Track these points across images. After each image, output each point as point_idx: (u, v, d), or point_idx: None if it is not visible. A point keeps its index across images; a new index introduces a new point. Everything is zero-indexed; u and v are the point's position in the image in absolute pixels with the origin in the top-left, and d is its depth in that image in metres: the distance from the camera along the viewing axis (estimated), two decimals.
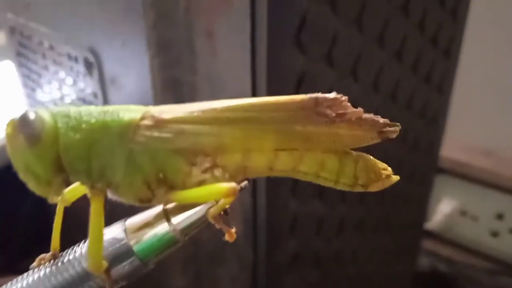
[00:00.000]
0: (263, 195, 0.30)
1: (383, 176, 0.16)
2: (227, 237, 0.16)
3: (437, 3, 0.37)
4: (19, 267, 0.18)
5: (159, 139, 0.15)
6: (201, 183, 0.15)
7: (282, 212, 0.31)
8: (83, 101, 0.39)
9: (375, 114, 0.37)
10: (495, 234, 0.62)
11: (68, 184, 0.15)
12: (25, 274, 0.16)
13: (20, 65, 0.49)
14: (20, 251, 0.57)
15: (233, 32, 0.26)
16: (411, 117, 0.40)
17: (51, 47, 0.41)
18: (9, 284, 0.16)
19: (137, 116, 0.15)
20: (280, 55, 0.26)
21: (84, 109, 0.15)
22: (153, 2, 0.28)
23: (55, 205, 0.56)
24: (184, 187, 0.15)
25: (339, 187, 0.16)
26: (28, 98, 0.50)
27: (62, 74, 0.41)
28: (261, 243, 0.31)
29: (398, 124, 0.16)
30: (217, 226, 0.15)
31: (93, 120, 0.14)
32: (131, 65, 0.31)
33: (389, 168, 0.17)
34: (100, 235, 0.15)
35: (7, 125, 0.14)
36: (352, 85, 0.31)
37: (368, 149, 0.37)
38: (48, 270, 0.15)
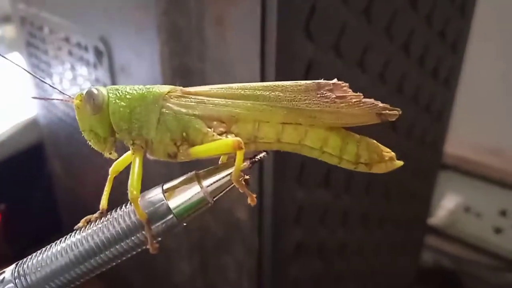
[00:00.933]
0: (270, 184, 0.30)
1: (386, 158, 0.18)
2: (249, 200, 0.18)
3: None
4: (26, 256, 0.18)
5: (184, 105, 0.18)
6: None
7: (288, 201, 0.32)
8: None
9: None
10: (498, 230, 0.62)
11: (118, 145, 0.19)
12: (72, 233, 0.18)
13: (29, 55, 0.50)
14: (29, 241, 0.57)
15: (243, 19, 0.27)
16: (417, 111, 0.41)
17: (62, 37, 0.41)
18: (58, 241, 0.18)
19: (167, 90, 0.19)
20: (289, 43, 0.26)
21: (130, 86, 0.19)
22: None
23: (64, 197, 0.57)
24: (202, 144, 0.18)
25: (343, 165, 0.18)
26: (36, 88, 0.51)
27: (71, 63, 0.41)
28: (267, 231, 0.32)
29: (399, 109, 0.17)
30: (240, 189, 0.17)
31: (134, 92, 0.18)
32: (141, 53, 0.32)
33: (393, 153, 0.18)
34: (139, 174, 0.18)
35: (76, 97, 0.18)
36: (359, 75, 0.32)
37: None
38: (96, 226, 0.18)
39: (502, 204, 0.61)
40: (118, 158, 0.20)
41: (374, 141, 0.18)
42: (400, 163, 0.18)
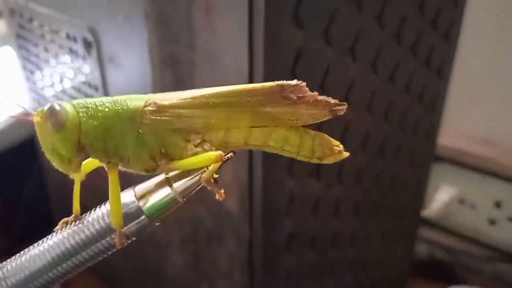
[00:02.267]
0: (259, 174, 0.30)
1: (336, 151, 0.19)
2: (217, 197, 0.19)
3: None
4: (19, 250, 0.19)
5: (161, 121, 0.18)
6: (194, 155, 0.19)
7: (278, 191, 0.32)
8: (82, 81, 0.39)
9: (374, 95, 0.37)
10: (493, 222, 0.62)
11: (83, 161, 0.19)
12: (49, 235, 0.19)
13: (19, 48, 0.49)
14: (21, 235, 0.57)
15: (231, 8, 0.26)
16: (410, 101, 0.40)
17: (50, 29, 0.41)
18: (36, 244, 0.19)
19: (141, 104, 0.18)
20: (277, 31, 0.26)
21: (97, 100, 0.18)
22: None
23: (55, 191, 0.57)
24: (181, 158, 0.19)
25: (299, 158, 0.20)
26: (27, 80, 0.50)
27: (60, 55, 0.41)
28: (257, 222, 0.32)
29: (345, 103, 0.18)
30: (209, 188, 0.18)
31: (106, 109, 0.18)
32: (130, 42, 0.31)
33: (341, 146, 0.20)
34: (119, 198, 0.18)
35: (37, 114, 0.17)
36: (350, 64, 0.31)
37: (368, 133, 0.37)
38: (72, 229, 0.18)
39: (497, 195, 0.61)
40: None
41: (326, 135, 0.20)
42: (346, 154, 0.20)
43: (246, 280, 0.34)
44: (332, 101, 0.18)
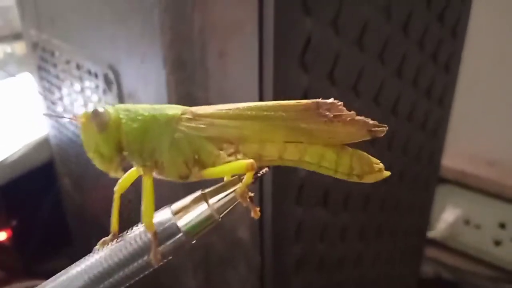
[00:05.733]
0: (269, 204, 0.32)
1: (376, 169, 0.19)
2: (252, 214, 0.19)
3: (437, 21, 0.39)
4: (35, 270, 0.19)
5: (195, 128, 0.19)
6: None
7: (288, 219, 0.33)
8: None
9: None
10: (498, 242, 0.63)
11: (124, 163, 0.19)
12: (90, 254, 0.19)
13: (41, 79, 0.52)
14: (39, 256, 0.59)
15: (243, 53, 0.29)
16: (412, 129, 0.42)
17: (72, 63, 0.43)
18: (77, 262, 0.19)
19: (179, 112, 0.19)
20: (285, 74, 0.28)
21: (138, 105, 0.19)
22: (170, 23, 0.30)
23: (73, 213, 0.58)
24: (214, 166, 0.19)
25: (338, 176, 0.19)
26: (48, 110, 0.53)
27: (82, 88, 0.43)
28: (268, 248, 0.33)
29: (386, 125, 0.18)
30: (244, 204, 0.18)
31: (146, 114, 0.18)
32: (148, 81, 0.34)
33: (381, 164, 0.19)
34: (152, 200, 0.18)
35: (82, 116, 0.18)
36: (353, 100, 0.33)
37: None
38: (112, 247, 0.18)
39: (501, 216, 0.62)
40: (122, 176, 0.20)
41: (365, 153, 0.19)
42: (387, 173, 0.20)
43: None
44: (371, 121, 0.18)
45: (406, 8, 0.34)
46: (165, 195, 0.20)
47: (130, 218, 0.39)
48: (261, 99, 0.29)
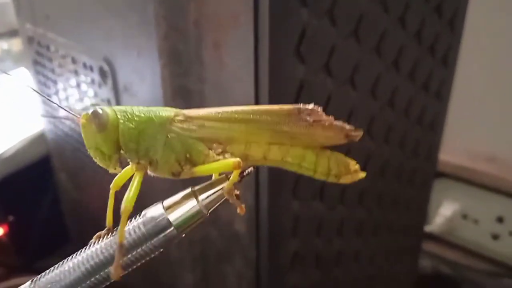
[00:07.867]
0: (265, 198, 0.32)
1: (352, 170, 0.21)
2: (238, 210, 0.20)
3: (434, 14, 0.39)
4: (36, 267, 0.20)
5: (187, 129, 0.20)
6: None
7: (284, 213, 0.33)
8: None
9: (373, 120, 0.38)
10: (495, 237, 0.63)
11: (121, 161, 0.21)
12: (85, 247, 0.20)
13: (36, 73, 0.52)
14: (37, 252, 0.59)
15: (238, 44, 0.28)
16: (409, 124, 0.42)
17: (68, 57, 0.43)
18: (72, 256, 0.20)
19: (172, 114, 0.20)
20: (281, 66, 0.28)
21: (135, 107, 0.20)
22: (165, 15, 0.30)
23: (70, 209, 0.58)
24: (204, 164, 0.21)
25: (317, 176, 0.21)
26: (44, 104, 0.53)
27: (77, 82, 0.43)
28: (264, 242, 0.33)
29: (362, 130, 0.20)
30: (231, 201, 0.20)
31: (142, 115, 0.20)
32: (143, 74, 0.34)
33: (358, 165, 0.21)
34: (137, 192, 0.19)
35: (82, 117, 0.19)
36: (350, 92, 0.33)
37: (369, 154, 0.39)
38: (106, 241, 0.20)
39: (499, 211, 0.62)
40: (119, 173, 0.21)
41: (343, 155, 0.21)
42: (363, 174, 0.21)
43: None
44: (348, 126, 0.20)
45: (402, 0, 0.34)
46: (165, 188, 0.21)
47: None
48: (256, 91, 0.29)
